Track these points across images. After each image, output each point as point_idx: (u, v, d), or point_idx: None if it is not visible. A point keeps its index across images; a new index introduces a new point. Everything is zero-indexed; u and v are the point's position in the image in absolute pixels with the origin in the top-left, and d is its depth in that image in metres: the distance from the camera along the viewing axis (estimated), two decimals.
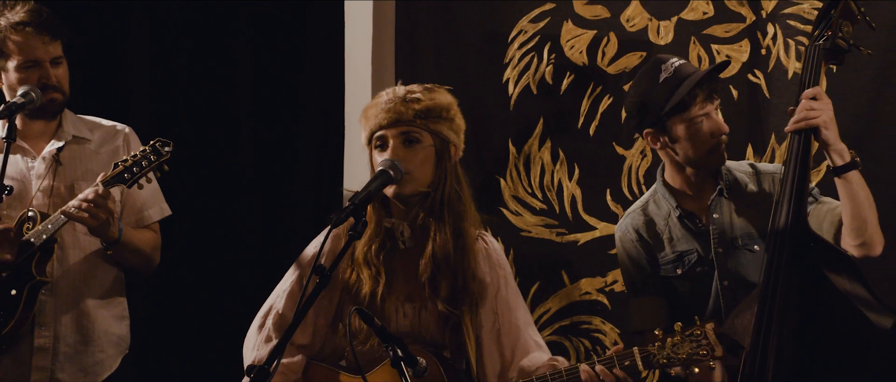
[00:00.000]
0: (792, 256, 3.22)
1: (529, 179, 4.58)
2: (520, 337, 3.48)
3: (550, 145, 4.54)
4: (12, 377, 3.81)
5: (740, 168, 3.71)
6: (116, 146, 3.99)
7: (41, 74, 3.80)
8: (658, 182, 3.75)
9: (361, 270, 3.41)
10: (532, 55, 4.54)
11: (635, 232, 3.73)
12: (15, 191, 3.79)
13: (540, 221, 4.57)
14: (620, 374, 3.18)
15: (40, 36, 3.79)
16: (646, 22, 4.44)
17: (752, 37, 4.29)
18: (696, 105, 3.54)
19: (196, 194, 4.80)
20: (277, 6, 4.90)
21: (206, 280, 4.81)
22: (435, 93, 3.51)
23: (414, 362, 2.83)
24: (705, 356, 3.14)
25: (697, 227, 3.63)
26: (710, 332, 3.15)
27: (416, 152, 3.37)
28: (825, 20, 3.44)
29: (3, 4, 3.87)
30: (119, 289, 4.02)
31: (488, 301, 3.46)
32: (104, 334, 3.93)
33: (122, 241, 3.77)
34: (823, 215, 3.49)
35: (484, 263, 3.49)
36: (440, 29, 4.68)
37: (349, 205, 2.91)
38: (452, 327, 3.42)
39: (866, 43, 3.97)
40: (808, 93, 3.32)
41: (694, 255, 3.63)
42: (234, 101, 4.95)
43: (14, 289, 3.73)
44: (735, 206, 3.65)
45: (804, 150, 3.30)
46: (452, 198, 3.45)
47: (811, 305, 3.22)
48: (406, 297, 3.43)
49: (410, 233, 3.45)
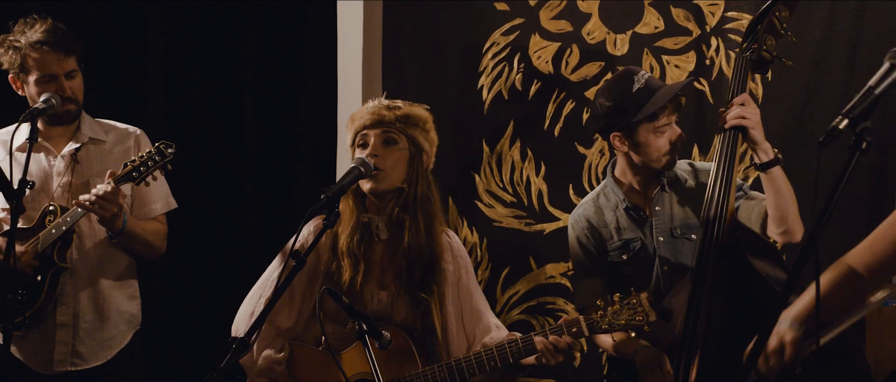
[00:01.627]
0: (720, 243, 3.31)
1: (501, 175, 4.60)
2: (481, 319, 3.58)
3: (520, 144, 4.58)
4: (40, 349, 3.93)
5: (680, 166, 3.74)
6: (128, 147, 4.06)
7: (57, 87, 3.86)
8: (608, 177, 3.78)
9: (343, 259, 3.48)
10: (503, 65, 4.57)
11: (586, 221, 3.75)
12: (38, 186, 3.88)
13: (510, 213, 4.60)
14: (568, 340, 3.26)
15: (56, 53, 3.84)
16: (604, 35, 4.47)
17: (698, 49, 4.33)
18: (664, 116, 3.60)
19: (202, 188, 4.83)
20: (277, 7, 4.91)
21: (209, 266, 4.82)
22: (415, 106, 3.61)
23: (379, 335, 2.93)
24: (641, 321, 3.23)
25: (642, 218, 3.67)
26: (645, 301, 3.24)
27: (393, 152, 3.45)
28: (752, 34, 3.50)
29: (25, 23, 3.91)
30: (131, 272, 4.10)
31: (452, 288, 3.55)
32: (118, 312, 4.03)
33: (125, 231, 3.84)
34: (751, 208, 3.52)
35: (448, 255, 3.57)
36: (422, 42, 4.68)
37: (324, 198, 2.99)
38: (422, 311, 3.49)
39: (797, 56, 4.06)
40: (737, 99, 3.38)
41: (638, 242, 3.66)
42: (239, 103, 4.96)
43: (39, 275, 3.82)
44: (675, 199, 3.68)
45: (731, 148, 3.38)
46: (423, 199, 3.52)
47: (737, 286, 3.29)
48: (381, 284, 3.51)
49: (385, 227, 3.52)
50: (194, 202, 4.64)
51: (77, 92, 3.95)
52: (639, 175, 3.72)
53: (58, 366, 3.92)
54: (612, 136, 3.68)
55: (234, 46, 4.94)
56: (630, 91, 3.64)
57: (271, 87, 4.93)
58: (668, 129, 3.60)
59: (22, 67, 3.88)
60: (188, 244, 4.71)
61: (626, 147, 3.67)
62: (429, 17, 4.68)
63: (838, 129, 2.23)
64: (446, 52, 4.66)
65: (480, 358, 3.34)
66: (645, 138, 3.60)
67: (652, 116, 3.56)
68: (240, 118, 4.96)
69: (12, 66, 3.88)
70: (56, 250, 3.82)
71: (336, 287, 3.36)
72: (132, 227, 3.91)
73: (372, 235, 3.53)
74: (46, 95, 3.82)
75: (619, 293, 3.29)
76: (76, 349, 3.95)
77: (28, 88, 3.91)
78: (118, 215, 3.76)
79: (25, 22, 3.91)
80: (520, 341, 3.33)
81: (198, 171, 4.78)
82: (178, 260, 4.65)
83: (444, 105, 4.59)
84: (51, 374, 3.93)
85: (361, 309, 3.32)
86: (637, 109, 3.58)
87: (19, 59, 3.86)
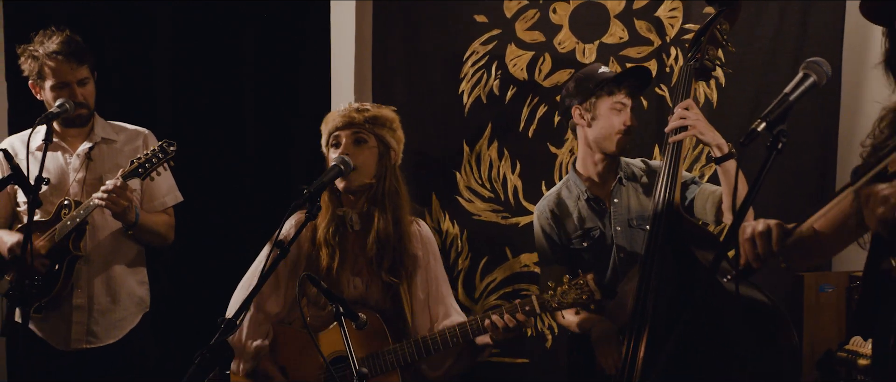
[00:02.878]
0: (667, 233, 3.37)
1: (480, 172, 4.64)
2: (443, 304, 3.67)
3: (497, 144, 4.61)
4: (59, 329, 4.02)
5: (635, 164, 3.82)
6: (137, 146, 4.13)
7: (70, 94, 3.93)
8: (571, 171, 3.84)
9: (321, 249, 3.56)
10: (482, 72, 4.60)
11: (550, 212, 3.81)
12: (55, 182, 3.98)
13: (488, 207, 4.64)
14: (522, 317, 3.34)
15: (69, 63, 3.91)
16: (574, 45, 4.51)
17: (659, 57, 4.40)
18: (621, 93, 3.67)
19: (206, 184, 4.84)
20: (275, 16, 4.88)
21: (212, 255, 4.83)
22: (382, 108, 3.68)
23: (355, 317, 2.98)
24: (586, 299, 3.33)
25: (601, 208, 3.74)
26: (590, 281, 3.32)
27: (363, 150, 3.54)
28: (696, 45, 3.54)
29: (43, 34, 3.96)
30: (140, 260, 4.18)
31: (420, 273, 3.63)
32: (128, 295, 4.11)
33: (139, 224, 3.92)
34: (706, 197, 3.57)
35: (417, 242, 3.64)
36: (409, 50, 4.68)
37: (307, 193, 3.06)
38: (393, 294, 3.58)
39: (749, 62, 4.20)
40: (681, 104, 3.42)
41: (597, 231, 3.73)
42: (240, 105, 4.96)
43: (57, 264, 3.91)
44: (632, 193, 3.75)
45: (676, 149, 3.43)
46: (392, 192, 3.59)
47: (681, 272, 3.35)
48: (356, 271, 3.58)
49: (358, 219, 3.59)
50: (199, 196, 4.64)
51: (89, 98, 4.02)
52: (596, 168, 3.77)
53: (75, 344, 4.00)
54: (574, 109, 3.75)
55: (234, 52, 4.95)
56: (595, 72, 3.76)
57: (269, 90, 4.93)
58: (625, 111, 3.68)
59: (39, 74, 3.94)
60: (193, 235, 4.72)
61: (585, 121, 3.72)
62: (414, 28, 4.68)
63: (757, 131, 2.33)
64: (430, 59, 4.68)
65: (444, 335, 3.42)
66: (603, 112, 3.68)
67: (610, 90, 3.67)
68: (240, 119, 4.96)
69: (32, 73, 3.96)
70: (71, 240, 3.87)
71: (316, 274, 3.43)
72: (144, 219, 3.98)
73: (346, 226, 3.58)
74: (61, 100, 3.88)
75: (568, 275, 3.37)
76: (91, 328, 4.03)
77: (44, 93, 3.98)
78: (129, 209, 3.83)
79: (44, 33, 3.97)
80: (479, 319, 3.41)
81: (202, 167, 4.81)
82: (184, 249, 4.65)
83: (428, 108, 4.67)
84: (68, 350, 4.01)
85: (339, 293, 3.36)
86: (598, 82, 3.68)
87: (37, 67, 3.92)
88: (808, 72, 2.43)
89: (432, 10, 4.67)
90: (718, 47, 3.57)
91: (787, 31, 4.31)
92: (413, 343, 3.46)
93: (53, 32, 3.97)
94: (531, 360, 4.61)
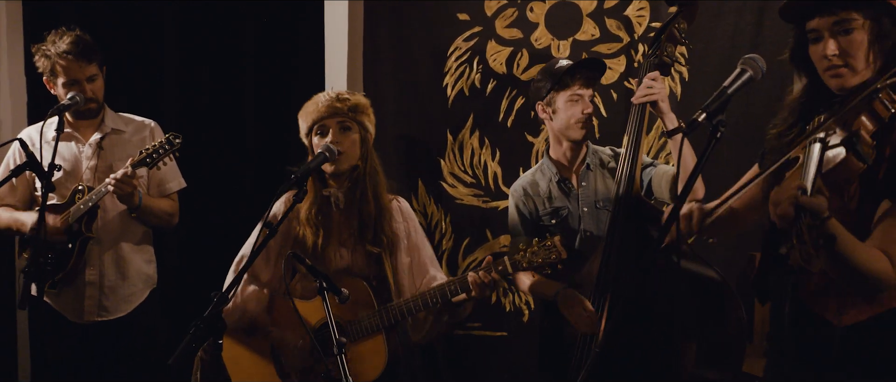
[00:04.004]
0: (627, 212, 3.44)
1: (462, 160, 4.69)
2: (427, 269, 3.73)
3: (478, 134, 4.65)
4: (73, 303, 4.12)
5: (604, 151, 3.89)
6: (144, 136, 4.21)
7: (80, 89, 4.00)
8: (545, 157, 3.91)
9: (306, 228, 3.64)
10: (465, 66, 4.64)
11: (523, 190, 3.89)
12: (69, 169, 4.08)
13: (470, 191, 4.69)
14: (495, 276, 3.40)
15: (78, 62, 3.98)
16: (549, 41, 4.56)
17: (627, 53, 4.44)
18: (575, 84, 3.74)
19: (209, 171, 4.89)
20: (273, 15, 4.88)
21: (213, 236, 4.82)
22: (358, 96, 3.73)
23: (338, 291, 3.04)
24: (555, 259, 3.35)
25: (570, 190, 3.82)
26: (558, 243, 3.36)
27: (349, 136, 3.62)
28: (657, 42, 3.61)
29: (55, 34, 4.02)
30: (148, 240, 4.27)
31: (402, 244, 3.70)
32: (137, 272, 4.21)
33: (141, 207, 3.98)
34: (661, 175, 3.64)
35: (398, 216, 3.72)
36: (397, 46, 4.72)
37: (294, 177, 3.14)
38: (377, 263, 3.64)
39: (711, 60, 4.22)
40: (649, 75, 3.47)
41: (566, 211, 3.82)
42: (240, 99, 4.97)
43: (70, 243, 4.02)
44: (599, 177, 3.82)
45: (640, 118, 3.48)
46: (372, 172, 3.67)
47: (640, 249, 3.39)
48: (342, 244, 3.66)
49: (343, 198, 3.67)
50: (202, 182, 4.71)
51: (97, 93, 4.09)
52: (566, 153, 3.84)
53: (87, 316, 4.11)
54: (538, 105, 3.84)
55: (235, 49, 4.96)
56: (553, 69, 3.83)
57: (268, 84, 4.93)
58: (581, 101, 3.75)
59: (52, 71, 4.01)
60: (198, 217, 4.77)
61: (548, 114, 3.81)
62: (402, 26, 4.71)
63: (697, 121, 2.41)
64: (416, 55, 4.71)
65: (425, 297, 3.49)
66: (562, 105, 3.76)
67: (565, 83, 3.75)
68: (240, 111, 4.99)
69: (45, 70, 4.04)
70: (83, 222, 3.97)
71: (303, 250, 3.57)
72: (148, 203, 4.05)
73: (332, 205, 3.66)
74: (72, 93, 3.96)
75: (537, 238, 3.42)
76: (102, 303, 4.13)
77: (57, 89, 4.06)
78: (133, 194, 3.89)
79: (55, 33, 4.03)
80: (456, 281, 3.46)
81: (205, 156, 4.85)
82: (188, 231, 4.71)
83: (415, 100, 4.73)
84: (82, 323, 4.12)
85: (328, 265, 3.58)
86: (555, 79, 3.77)
87: (50, 65, 4.00)
88: (745, 67, 2.51)
89: (418, 9, 4.69)
90: (676, 44, 3.63)
91: (744, 30, 4.34)
92: (395, 306, 3.53)
93: (64, 32, 4.03)
94: (509, 333, 4.66)
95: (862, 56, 2.49)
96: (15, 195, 4.20)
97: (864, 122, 2.31)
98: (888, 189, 2.38)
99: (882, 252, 2.36)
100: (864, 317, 2.49)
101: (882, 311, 2.48)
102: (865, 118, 2.32)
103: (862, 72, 2.50)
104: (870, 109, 2.31)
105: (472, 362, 4.75)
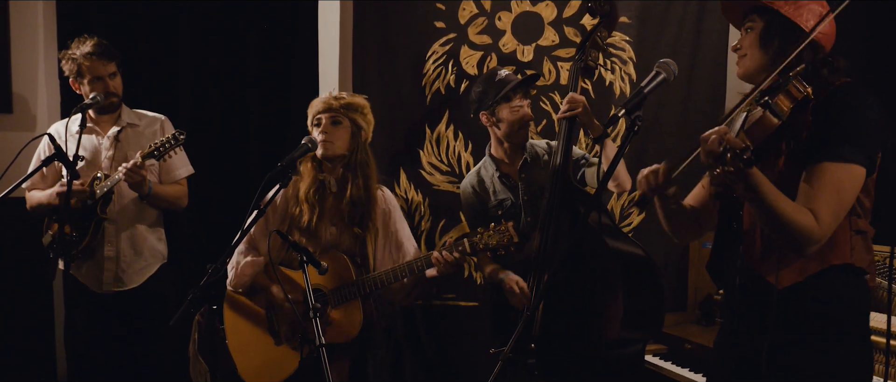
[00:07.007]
0: (560, 198, 3.51)
1: (439, 150, 4.75)
2: (402, 248, 3.82)
3: (453, 128, 4.73)
4: (93, 274, 4.21)
5: (539, 144, 3.94)
6: (155, 129, 4.28)
7: (103, 85, 4.08)
8: (487, 155, 3.99)
9: (303, 205, 3.72)
10: (441, 68, 4.70)
11: (471, 187, 4.00)
12: (90, 159, 4.16)
13: (445, 179, 4.76)
14: (456, 255, 3.49)
15: (101, 60, 4.07)
16: (515, 47, 4.66)
17: None
18: (516, 98, 3.82)
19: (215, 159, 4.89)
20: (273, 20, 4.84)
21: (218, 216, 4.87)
22: (356, 96, 3.81)
23: (318, 264, 3.13)
24: (508, 242, 3.42)
25: (512, 183, 3.91)
26: (510, 228, 3.44)
27: (339, 129, 3.72)
28: (582, 49, 3.68)
29: (78, 41, 4.09)
30: (159, 221, 4.35)
31: (383, 227, 3.78)
32: (149, 250, 4.29)
33: (150, 194, 4.06)
34: (594, 171, 3.69)
35: (382, 203, 3.80)
36: (382, 50, 4.75)
37: (280, 165, 3.19)
38: (360, 242, 3.72)
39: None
40: (570, 96, 3.54)
41: (509, 201, 3.90)
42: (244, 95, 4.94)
43: (86, 223, 4.09)
44: (536, 169, 3.88)
45: (569, 128, 3.57)
46: (362, 163, 3.75)
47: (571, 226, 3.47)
48: (332, 222, 3.74)
49: (335, 183, 3.75)
50: (210, 168, 4.78)
51: (118, 88, 4.17)
52: (506, 151, 3.90)
53: (106, 286, 4.21)
54: (481, 114, 3.90)
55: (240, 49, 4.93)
56: (494, 81, 3.87)
57: (268, 80, 4.93)
58: (522, 110, 3.82)
59: (78, 72, 4.11)
60: (204, 201, 4.82)
61: (491, 123, 3.87)
62: (386, 31, 4.74)
63: (617, 117, 2.39)
64: (399, 57, 4.75)
65: (396, 271, 3.59)
66: (504, 115, 3.84)
67: (506, 98, 3.80)
68: (244, 104, 4.97)
69: (71, 72, 4.13)
70: (99, 205, 4.05)
71: (299, 225, 3.68)
72: (157, 190, 4.13)
73: (325, 188, 3.74)
74: (94, 93, 4.05)
75: (493, 223, 3.50)
76: (118, 275, 4.22)
77: (83, 87, 4.13)
78: (143, 182, 3.98)
79: (79, 40, 4.12)
80: (422, 258, 3.55)
81: (213, 144, 4.90)
82: (196, 213, 4.76)
83: (397, 98, 4.78)
84: (101, 292, 4.22)
85: (319, 239, 3.68)
86: (497, 92, 3.81)
87: (76, 67, 4.09)
88: (659, 70, 2.52)
89: (400, 16, 4.74)
90: (600, 51, 3.70)
91: (685, 38, 4.47)
92: (370, 278, 3.63)
93: (86, 38, 4.12)
94: (480, 303, 4.77)
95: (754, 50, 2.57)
96: (45, 182, 4.27)
97: (782, 99, 2.33)
98: (808, 156, 2.39)
99: (806, 209, 2.34)
100: (800, 278, 2.45)
101: (815, 272, 2.44)
102: (783, 96, 2.34)
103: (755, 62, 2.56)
104: (786, 91, 2.33)
105: (447, 328, 4.83)
